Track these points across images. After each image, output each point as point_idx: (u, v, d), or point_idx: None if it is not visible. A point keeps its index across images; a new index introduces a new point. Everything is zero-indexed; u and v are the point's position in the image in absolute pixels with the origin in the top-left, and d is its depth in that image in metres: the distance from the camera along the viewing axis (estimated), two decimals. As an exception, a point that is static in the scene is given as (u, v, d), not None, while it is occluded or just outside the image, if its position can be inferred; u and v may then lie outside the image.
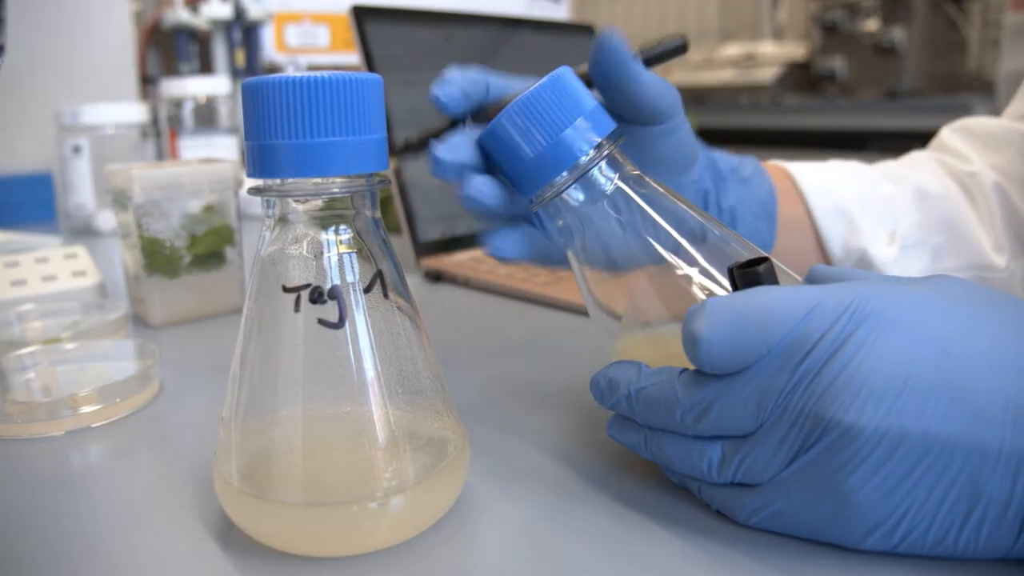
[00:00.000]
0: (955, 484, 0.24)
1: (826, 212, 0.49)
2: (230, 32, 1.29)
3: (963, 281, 0.28)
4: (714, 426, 0.27)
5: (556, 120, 0.31)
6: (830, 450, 0.25)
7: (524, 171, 0.32)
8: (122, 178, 0.57)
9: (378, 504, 0.27)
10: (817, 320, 0.26)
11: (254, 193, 0.28)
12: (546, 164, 0.32)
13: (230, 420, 0.29)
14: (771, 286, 0.28)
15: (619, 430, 0.32)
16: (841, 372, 0.25)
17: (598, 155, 0.32)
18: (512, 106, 0.31)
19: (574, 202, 0.33)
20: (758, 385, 0.26)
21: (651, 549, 0.28)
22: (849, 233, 0.49)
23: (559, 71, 0.32)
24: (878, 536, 0.25)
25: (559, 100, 0.31)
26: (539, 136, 0.31)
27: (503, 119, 0.32)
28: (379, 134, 0.28)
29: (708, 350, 0.26)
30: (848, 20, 2.23)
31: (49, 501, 0.33)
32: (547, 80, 0.31)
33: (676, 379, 0.28)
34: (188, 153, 1.07)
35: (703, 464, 0.28)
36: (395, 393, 0.29)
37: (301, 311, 0.28)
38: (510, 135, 0.32)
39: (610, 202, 0.33)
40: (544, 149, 0.31)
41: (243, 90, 0.27)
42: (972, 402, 0.24)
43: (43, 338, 0.49)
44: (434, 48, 0.78)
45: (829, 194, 0.49)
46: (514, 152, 0.32)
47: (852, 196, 0.50)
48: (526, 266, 0.69)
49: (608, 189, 0.33)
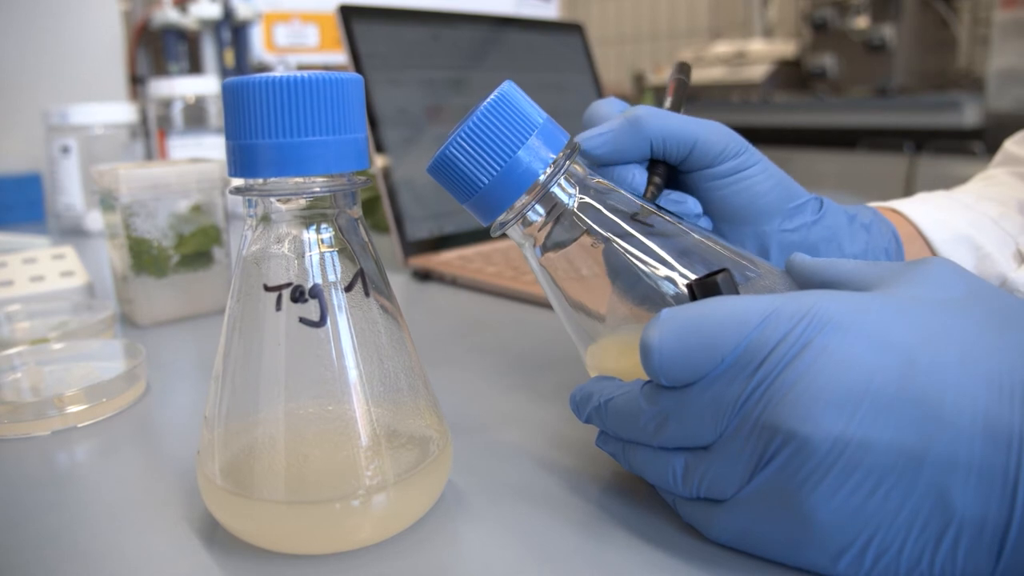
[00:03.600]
0: (924, 501, 0.23)
1: (949, 243, 0.46)
2: (219, 32, 1.29)
3: (958, 274, 0.27)
4: (674, 437, 0.27)
5: (507, 142, 0.30)
6: (789, 464, 0.24)
7: (480, 200, 0.31)
8: (109, 178, 0.57)
9: (360, 502, 0.28)
10: (772, 327, 0.25)
11: (236, 193, 0.28)
12: (503, 190, 0.30)
13: (213, 419, 0.29)
14: (727, 296, 0.27)
15: (603, 442, 0.31)
16: (797, 381, 0.24)
17: (556, 171, 0.31)
18: (459, 133, 0.30)
19: (536, 219, 0.32)
20: (713, 395, 0.25)
21: (633, 550, 0.29)
22: (979, 260, 0.46)
23: (504, 88, 0.30)
24: (848, 560, 0.24)
25: (508, 120, 0.30)
26: (492, 162, 0.30)
27: (452, 148, 0.30)
28: (360, 133, 0.28)
29: (660, 360, 0.26)
30: (838, 18, 2.23)
31: (35, 500, 0.33)
32: (493, 100, 0.30)
33: (640, 390, 0.28)
34: (177, 153, 1.07)
35: (668, 476, 0.28)
36: (377, 391, 0.29)
37: (283, 310, 0.28)
38: (460, 164, 0.30)
39: (574, 216, 0.32)
40: (499, 175, 0.30)
41: (224, 90, 0.27)
42: (938, 413, 0.23)
43: (30, 338, 0.49)
44: (422, 47, 0.78)
45: (945, 225, 0.46)
46: (467, 181, 0.30)
47: (968, 223, 0.47)
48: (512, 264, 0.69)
49: (571, 204, 0.32)
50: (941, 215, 0.47)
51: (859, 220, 0.42)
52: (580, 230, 0.32)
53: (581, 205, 0.32)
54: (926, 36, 2.19)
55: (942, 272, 0.27)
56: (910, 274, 0.27)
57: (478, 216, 0.32)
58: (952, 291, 0.26)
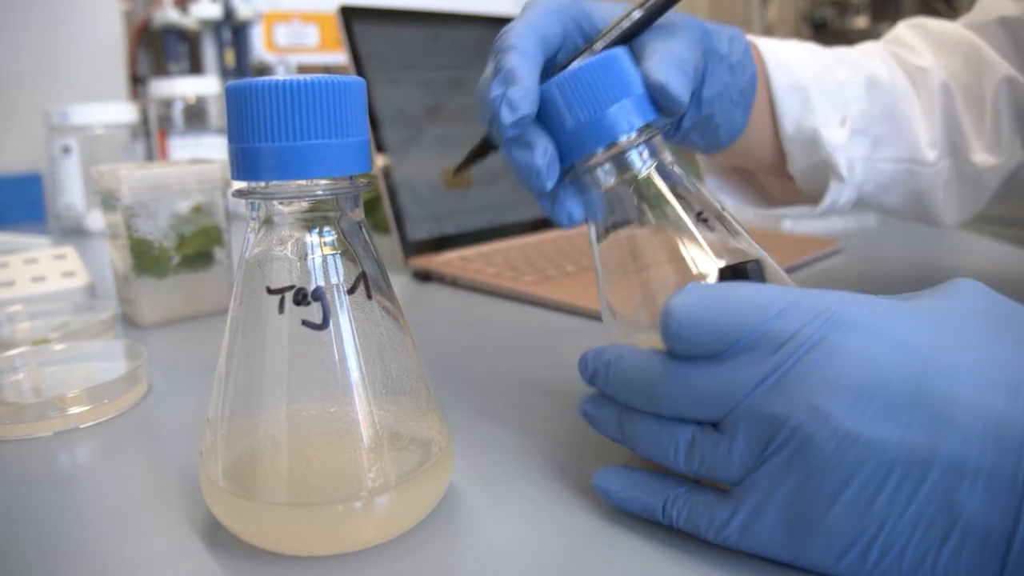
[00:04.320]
0: (930, 502, 0.23)
1: (784, 89, 0.48)
2: (219, 32, 1.29)
3: (981, 291, 0.27)
4: (681, 405, 0.27)
5: (600, 97, 0.31)
6: (797, 456, 0.24)
7: (563, 140, 0.33)
8: (110, 179, 0.57)
9: (363, 504, 0.28)
10: (790, 319, 0.25)
11: (239, 196, 0.28)
12: (584, 137, 0.32)
13: (216, 421, 0.29)
14: (753, 283, 0.28)
15: (595, 406, 0.31)
16: (811, 373, 0.24)
17: (638, 138, 0.32)
18: (563, 74, 0.32)
19: (604, 181, 0.33)
20: (726, 372, 0.26)
21: (637, 551, 0.29)
22: (803, 112, 0.49)
23: (615, 51, 0.32)
24: (852, 557, 0.24)
25: (608, 78, 0.32)
26: (580, 108, 0.32)
27: (553, 85, 0.32)
28: (362, 136, 0.28)
29: (678, 327, 0.26)
30: (838, 17, 2.24)
31: (37, 501, 0.33)
32: (600, 57, 0.32)
33: (654, 355, 0.28)
34: (178, 153, 1.07)
35: (671, 448, 0.28)
36: (379, 393, 0.29)
37: (286, 312, 0.28)
38: (556, 101, 0.32)
39: (637, 189, 0.33)
40: (583, 123, 0.32)
41: (227, 93, 0.27)
42: (949, 415, 0.23)
43: (32, 339, 0.49)
44: (421, 48, 0.78)
45: (789, 71, 0.49)
46: (557, 119, 0.32)
47: (809, 76, 0.49)
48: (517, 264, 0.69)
49: (641, 174, 0.33)
50: (792, 62, 0.49)
51: (727, 60, 0.43)
52: (634, 204, 0.33)
53: (646, 179, 0.33)
54: (926, 36, 2.20)
55: (965, 288, 0.27)
56: (934, 289, 0.28)
57: (559, 156, 0.33)
58: (972, 303, 0.26)
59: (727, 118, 0.45)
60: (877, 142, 0.51)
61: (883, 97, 0.51)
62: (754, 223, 0.91)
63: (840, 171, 0.49)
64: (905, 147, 0.52)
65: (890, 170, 0.52)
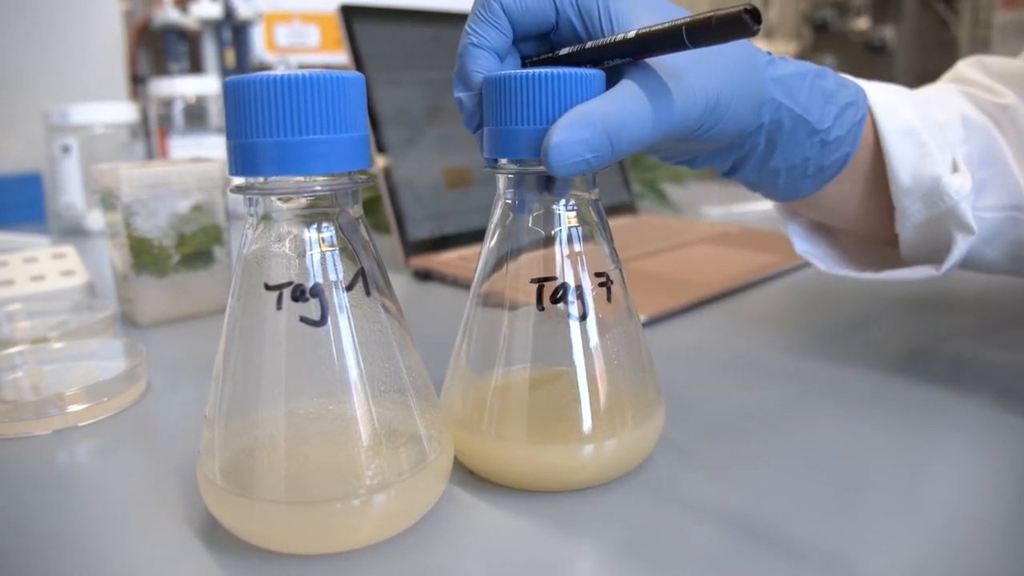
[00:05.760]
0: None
1: (895, 134, 0.44)
2: (220, 32, 1.29)
3: None
4: None
5: (534, 112, 0.30)
6: None
7: (489, 131, 0.32)
8: (110, 178, 0.57)
9: (361, 502, 0.28)
10: None
11: (237, 191, 0.28)
12: (503, 141, 0.31)
13: (213, 419, 0.29)
14: None
15: None
16: None
17: (524, 168, 0.32)
18: (528, 74, 0.30)
19: (506, 194, 0.33)
20: None
21: (634, 552, 0.29)
22: (920, 157, 0.44)
23: (587, 73, 0.31)
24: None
25: (554, 98, 0.30)
26: (520, 115, 0.31)
27: (507, 78, 0.31)
28: (361, 132, 0.28)
29: None
30: (838, 19, 2.24)
31: (36, 499, 0.33)
32: (558, 73, 0.30)
33: None
34: (178, 153, 1.07)
35: None
36: (377, 391, 0.29)
37: (283, 309, 0.28)
38: (507, 91, 0.31)
39: (531, 216, 0.33)
40: (501, 129, 0.31)
41: (225, 88, 0.27)
42: None
43: (31, 337, 0.49)
44: (422, 47, 0.78)
45: (898, 116, 0.44)
46: (490, 110, 0.32)
47: (919, 119, 0.45)
48: None
49: (535, 210, 0.33)
50: (896, 106, 0.45)
51: (821, 136, 0.41)
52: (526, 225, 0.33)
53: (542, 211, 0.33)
54: (926, 37, 2.20)
55: None
56: None
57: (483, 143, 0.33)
58: None
59: (793, 186, 0.43)
60: (980, 189, 0.46)
61: (981, 139, 0.47)
62: (754, 223, 0.91)
63: (968, 222, 0.43)
64: (1007, 193, 0.46)
65: (992, 219, 0.45)
